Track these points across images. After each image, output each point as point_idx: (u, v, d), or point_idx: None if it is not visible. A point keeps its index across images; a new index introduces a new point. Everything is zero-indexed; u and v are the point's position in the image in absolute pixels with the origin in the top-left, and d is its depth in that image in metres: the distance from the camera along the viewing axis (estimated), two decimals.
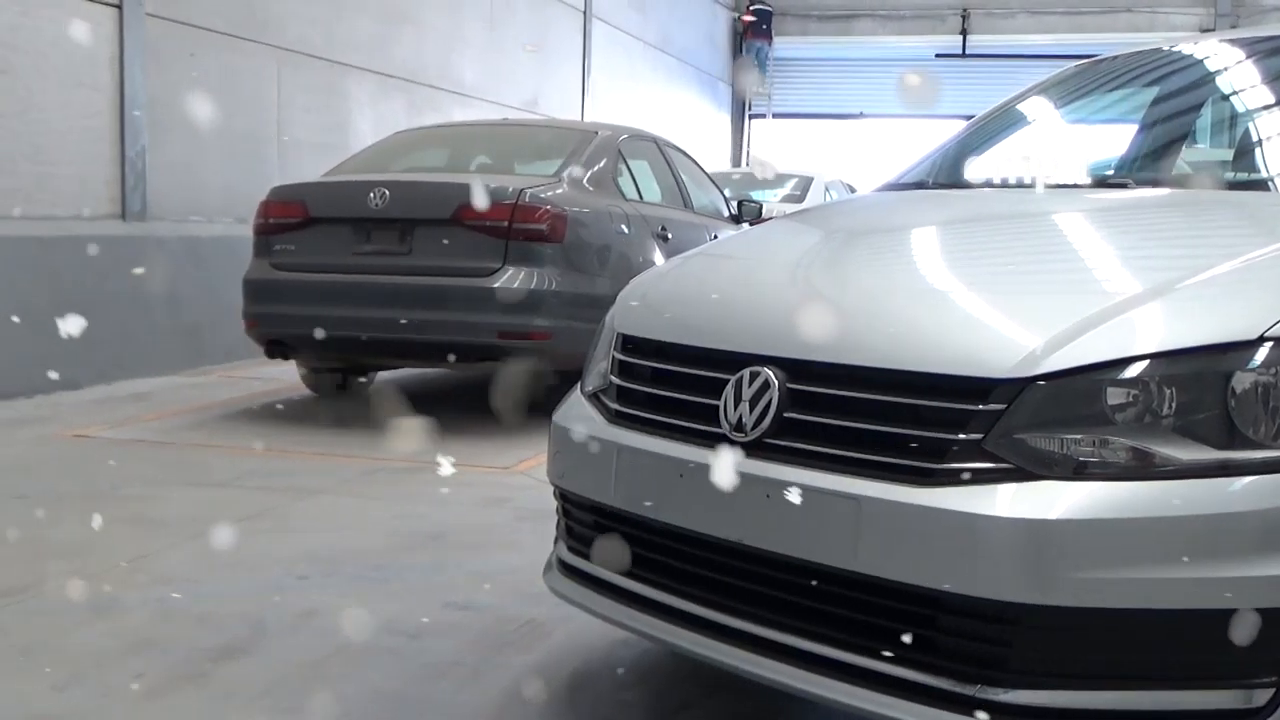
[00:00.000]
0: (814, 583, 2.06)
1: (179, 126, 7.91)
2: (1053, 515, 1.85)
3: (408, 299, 5.77)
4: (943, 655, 1.95)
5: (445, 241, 5.82)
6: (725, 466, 2.15)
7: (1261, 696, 1.83)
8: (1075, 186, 3.19)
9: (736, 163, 22.13)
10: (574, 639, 3.04)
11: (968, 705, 1.90)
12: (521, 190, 5.87)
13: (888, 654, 1.99)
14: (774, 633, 2.14)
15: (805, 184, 12.47)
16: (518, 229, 5.78)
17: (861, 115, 23.70)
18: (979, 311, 2.20)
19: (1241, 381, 1.89)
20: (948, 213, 3.07)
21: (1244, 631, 1.80)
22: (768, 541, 2.11)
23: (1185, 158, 3.69)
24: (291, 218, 6.14)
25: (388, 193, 5.89)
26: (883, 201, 3.39)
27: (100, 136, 7.36)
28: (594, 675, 2.91)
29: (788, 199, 11.93)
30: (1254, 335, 1.90)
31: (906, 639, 1.97)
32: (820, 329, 2.19)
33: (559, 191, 6.14)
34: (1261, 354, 1.89)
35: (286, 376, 6.97)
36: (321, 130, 9.45)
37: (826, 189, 12.35)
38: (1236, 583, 1.81)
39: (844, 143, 23.06)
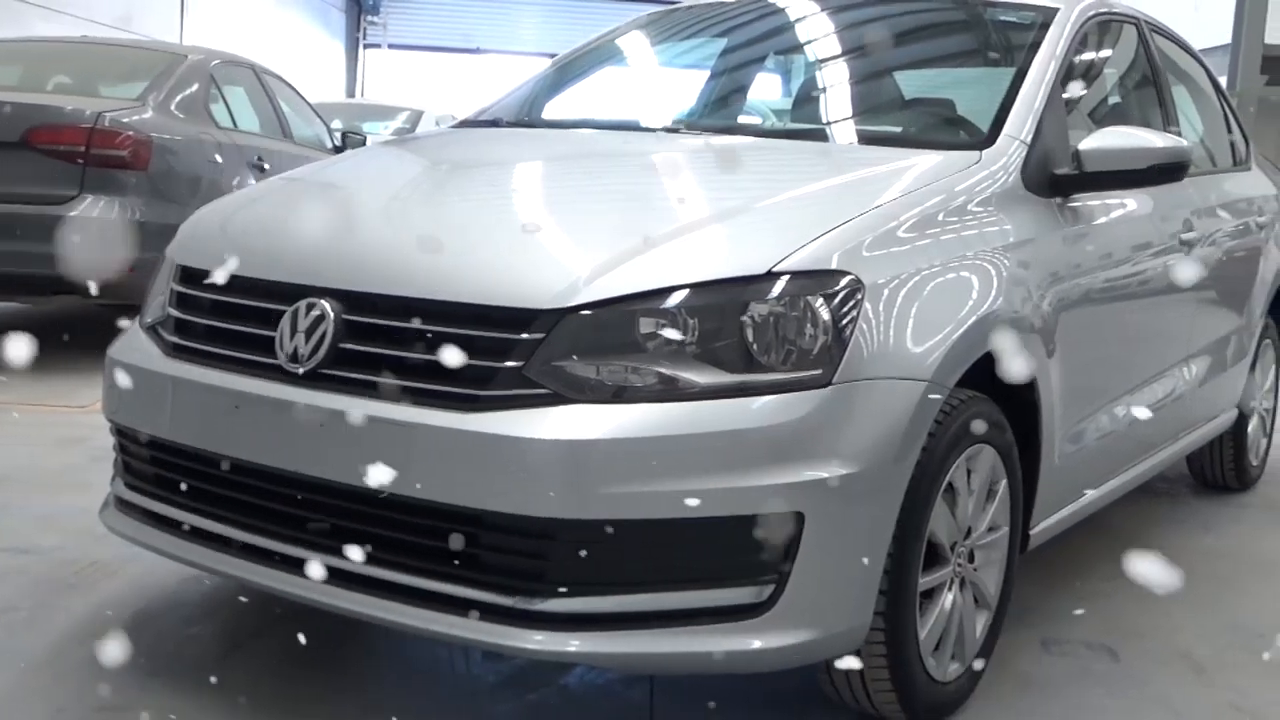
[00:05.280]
0: (368, 508, 2.12)
1: None
2: (587, 436, 1.99)
3: None
4: (487, 571, 2.06)
5: (13, 166, 5.40)
6: (280, 397, 2.17)
7: (765, 592, 2.05)
8: (637, 129, 3.35)
9: (351, 93, 21.65)
10: (141, 578, 2.96)
11: (508, 616, 2.03)
12: (101, 113, 5.54)
13: (437, 573, 2.08)
14: (333, 559, 2.18)
15: (416, 118, 12.40)
16: (96, 155, 5.45)
17: (479, 50, 23.72)
18: (524, 246, 2.30)
19: (755, 311, 2.09)
20: (514, 151, 3.17)
21: (753, 535, 2.01)
22: (324, 470, 2.15)
23: (748, 107, 3.97)
24: None
25: None
26: (457, 138, 3.45)
27: None
28: (159, 613, 2.84)
29: (398, 132, 11.80)
30: (764, 269, 2.11)
31: (454, 558, 2.07)
32: (372, 261, 2.24)
33: (143, 116, 5.83)
34: (772, 287, 2.10)
35: None
36: None
37: (437, 123, 12.30)
38: (747, 492, 2.01)
39: (461, 77, 22.99)
